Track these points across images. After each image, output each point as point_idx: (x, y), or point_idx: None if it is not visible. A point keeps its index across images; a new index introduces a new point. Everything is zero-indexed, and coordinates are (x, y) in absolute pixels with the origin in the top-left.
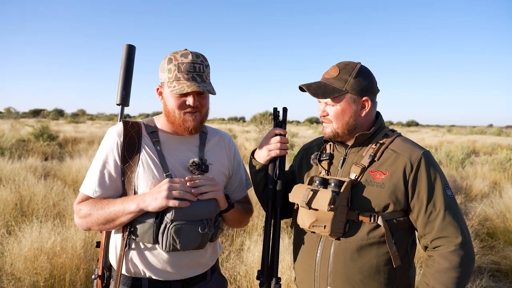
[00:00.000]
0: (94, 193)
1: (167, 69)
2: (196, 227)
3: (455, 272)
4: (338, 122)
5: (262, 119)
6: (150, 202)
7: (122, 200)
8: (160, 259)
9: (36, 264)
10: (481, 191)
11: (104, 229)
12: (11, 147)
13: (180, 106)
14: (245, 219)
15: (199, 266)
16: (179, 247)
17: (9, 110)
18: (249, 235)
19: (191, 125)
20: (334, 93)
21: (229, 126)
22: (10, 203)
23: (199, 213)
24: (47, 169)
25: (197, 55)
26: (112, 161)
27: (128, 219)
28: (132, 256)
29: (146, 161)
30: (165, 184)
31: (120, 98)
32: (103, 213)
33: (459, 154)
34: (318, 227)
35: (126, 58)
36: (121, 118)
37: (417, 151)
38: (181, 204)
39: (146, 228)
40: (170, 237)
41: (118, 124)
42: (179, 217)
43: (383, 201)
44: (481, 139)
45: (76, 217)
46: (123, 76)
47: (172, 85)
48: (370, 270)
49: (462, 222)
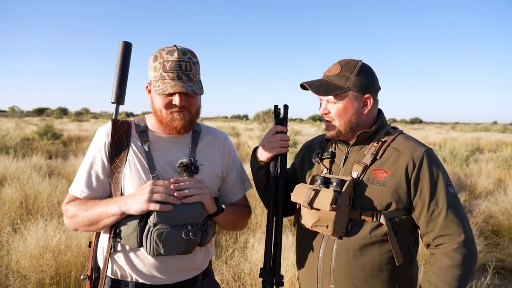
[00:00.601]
0: (82, 194)
1: (153, 67)
2: (180, 232)
3: (458, 270)
4: (341, 120)
5: (265, 117)
6: (131, 205)
7: (106, 202)
8: (146, 263)
9: (42, 261)
10: (486, 189)
11: (89, 230)
12: (15, 146)
13: (167, 106)
14: (241, 222)
15: (189, 270)
16: (163, 251)
17: (13, 109)
18: (253, 232)
19: (179, 124)
20: (336, 91)
21: (232, 124)
22: (16, 202)
23: (183, 217)
24: (51, 168)
25: (184, 52)
26: (99, 161)
27: (111, 222)
28: (118, 258)
29: (133, 162)
30: (147, 186)
31: (115, 96)
32: (87, 215)
33: (463, 151)
34: (321, 226)
35: (122, 56)
36: (116, 116)
37: (419, 149)
38: (163, 208)
39: (130, 231)
40: (153, 241)
41: (107, 123)
42: (162, 221)
43: (385, 199)
44: (485, 136)
45: (64, 217)
46: (119, 74)
47: (157, 85)
48: (372, 269)
49: (465, 220)
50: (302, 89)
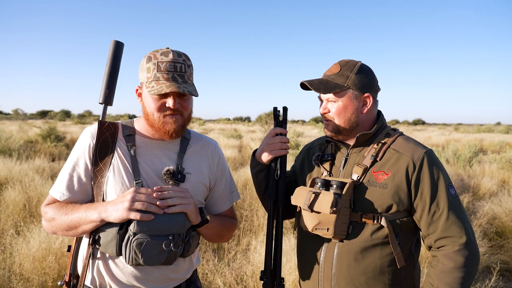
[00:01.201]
0: (62, 197)
1: (146, 68)
2: (160, 242)
3: (460, 272)
4: (340, 119)
5: (268, 119)
6: (111, 213)
7: (86, 207)
8: (126, 272)
9: (44, 264)
10: (489, 190)
11: (68, 235)
12: (19, 148)
13: (160, 108)
14: (226, 234)
15: (170, 280)
16: (142, 262)
17: (17, 111)
18: (256, 235)
19: (171, 128)
20: (336, 89)
21: (234, 126)
22: (19, 204)
23: (165, 227)
24: (54, 170)
25: (179, 54)
26: (82, 163)
27: (90, 228)
28: (97, 266)
29: (118, 166)
30: (129, 194)
31: (103, 97)
32: (66, 219)
33: (467, 152)
34: (321, 229)
35: (112, 55)
36: (103, 118)
37: (419, 150)
38: (144, 217)
39: (109, 238)
40: (132, 251)
41: (93, 125)
42: (142, 230)
43: (386, 201)
44: (488, 137)
45: (43, 219)
46: (108, 74)
47: (151, 86)
48: (374, 271)
49: (467, 222)
50: (302, 89)
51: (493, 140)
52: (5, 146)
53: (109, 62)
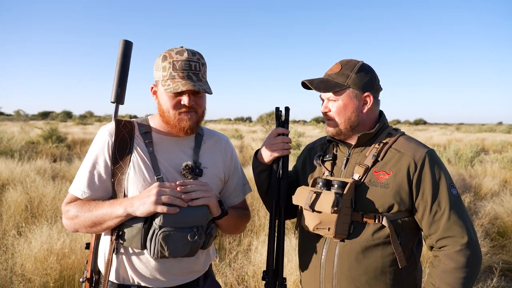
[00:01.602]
0: (83, 194)
1: (162, 67)
2: (186, 234)
3: (462, 272)
4: (341, 118)
5: (269, 119)
6: (138, 207)
7: (110, 203)
8: (149, 266)
9: (46, 265)
10: (491, 190)
11: (91, 232)
12: (20, 149)
13: (175, 106)
14: (241, 225)
15: (191, 273)
16: (167, 254)
17: (18, 112)
18: (257, 235)
19: (186, 125)
20: (336, 88)
21: (235, 126)
22: (21, 205)
23: (189, 220)
24: (56, 171)
25: (193, 53)
26: (102, 161)
27: (115, 223)
28: (120, 261)
29: (137, 163)
30: (154, 188)
31: (115, 96)
32: (90, 216)
33: (468, 152)
34: (322, 229)
35: (122, 55)
36: (116, 116)
37: (421, 150)
38: (170, 210)
39: (134, 233)
40: (158, 243)
41: (110, 123)
42: (168, 223)
43: (387, 201)
44: (490, 137)
45: (64, 217)
46: (119, 73)
47: (167, 84)
48: (375, 271)
49: (468, 222)
50: (303, 88)
51: (495, 139)
52: (7, 147)
53: (119, 61)
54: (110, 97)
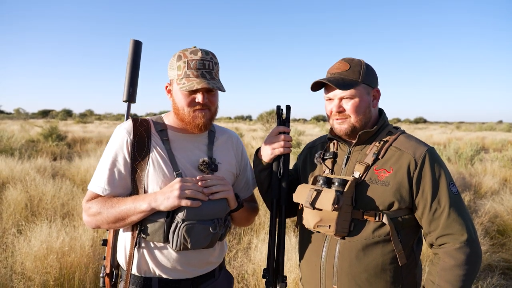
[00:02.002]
0: (104, 191)
1: (177, 66)
2: (207, 226)
3: (461, 270)
4: (358, 115)
5: (269, 118)
6: (162, 202)
7: (133, 198)
8: (170, 258)
9: (46, 263)
10: (491, 188)
11: (113, 228)
12: (20, 148)
13: (190, 104)
14: (252, 217)
15: (208, 264)
16: (190, 246)
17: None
18: (257, 233)
19: (201, 122)
20: (354, 85)
21: (235, 125)
22: (21, 203)
23: (210, 212)
24: (56, 169)
25: (207, 52)
26: (121, 159)
27: (138, 218)
28: (141, 255)
29: (156, 160)
30: (177, 183)
31: (127, 95)
32: (114, 212)
33: (468, 151)
34: (323, 227)
35: (132, 54)
36: (128, 115)
37: (421, 148)
38: (193, 204)
39: (156, 227)
40: (181, 236)
41: (127, 121)
42: (191, 216)
43: (387, 199)
44: (490, 136)
45: (85, 215)
46: (130, 72)
47: (182, 82)
48: (375, 269)
49: (468, 219)
50: (312, 90)
51: (495, 138)
52: (7, 145)
53: (130, 61)
54: (122, 96)
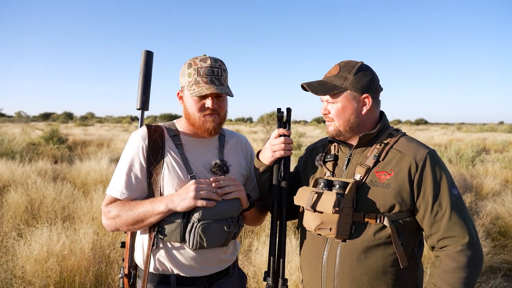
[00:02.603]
0: (122, 195)
1: (187, 73)
2: (222, 225)
3: (463, 273)
4: (340, 120)
5: (269, 120)
6: (178, 203)
7: (150, 201)
8: (187, 257)
9: (46, 266)
10: (492, 189)
11: (132, 230)
12: (22, 151)
13: (200, 109)
14: (262, 217)
15: (223, 262)
16: (206, 245)
17: (19, 114)
18: (257, 236)
19: (210, 126)
20: (333, 90)
21: (236, 127)
22: (21, 206)
23: (225, 212)
24: (57, 172)
25: (216, 60)
26: (138, 164)
27: (156, 219)
28: (159, 254)
29: (171, 163)
30: (192, 185)
31: (140, 103)
32: (132, 214)
33: (469, 152)
34: (324, 229)
35: (144, 64)
36: (142, 122)
37: (422, 150)
38: (208, 204)
39: (173, 227)
40: (197, 235)
41: (141, 128)
42: (206, 216)
43: (388, 201)
44: (491, 137)
45: (104, 218)
46: (142, 82)
47: (192, 88)
48: (377, 271)
49: (469, 222)
50: (303, 90)
51: (496, 139)
52: (8, 148)
53: (142, 70)
54: (136, 104)
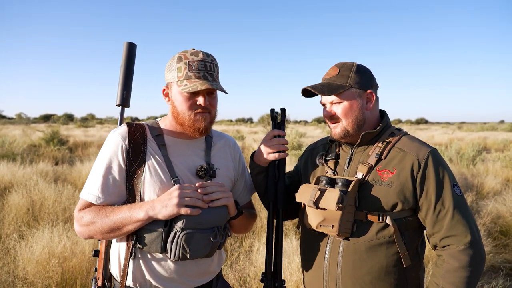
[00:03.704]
0: (97, 200)
1: (177, 68)
2: (207, 235)
3: (465, 272)
4: (348, 119)
5: (270, 120)
6: (160, 210)
7: (129, 207)
8: (167, 269)
9: (48, 268)
10: (493, 189)
11: (108, 238)
12: (22, 152)
13: (191, 107)
14: (250, 224)
15: (206, 274)
16: (189, 256)
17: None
18: (258, 236)
19: (202, 125)
20: (339, 89)
21: (236, 127)
22: (22, 208)
23: (210, 220)
24: (57, 174)
25: (207, 54)
26: (116, 165)
27: (135, 228)
28: (137, 265)
29: (153, 166)
30: (175, 190)
31: (120, 99)
32: (108, 221)
33: (470, 151)
34: (326, 226)
35: (126, 57)
36: (122, 120)
37: (424, 149)
38: (193, 212)
39: (154, 236)
40: (180, 245)
41: (121, 126)
42: (190, 225)
43: (391, 200)
44: (492, 136)
45: (77, 225)
46: (123, 76)
47: (183, 84)
48: (379, 271)
49: (472, 221)
50: (304, 96)
51: (497, 138)
52: (9, 150)
53: (124, 64)
54: (116, 100)
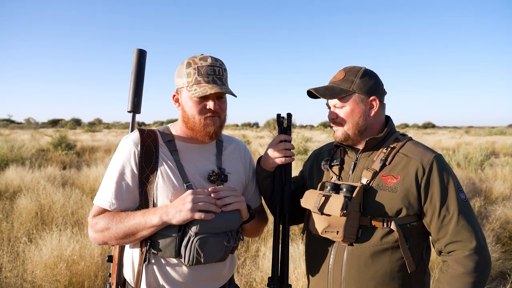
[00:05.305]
0: (111, 206)
1: (186, 73)
2: (221, 239)
3: (470, 278)
4: (349, 123)
5: (276, 125)
6: (174, 215)
7: (143, 213)
8: (181, 273)
9: (56, 271)
10: (502, 194)
11: (122, 244)
12: (31, 157)
13: (201, 111)
14: (262, 228)
15: (219, 278)
16: (203, 260)
17: (29, 120)
18: (265, 241)
19: (211, 129)
20: (342, 94)
21: (242, 132)
22: (31, 212)
23: (224, 225)
24: (65, 178)
25: (216, 59)
26: (129, 171)
27: (149, 233)
28: (151, 271)
29: (165, 172)
30: (189, 195)
31: (132, 105)
32: (123, 227)
33: (478, 155)
34: (331, 232)
35: (136, 64)
36: (133, 126)
37: (428, 154)
38: (207, 217)
39: (168, 242)
40: (194, 250)
41: (133, 132)
42: (204, 229)
43: (395, 205)
44: (501, 140)
45: (91, 231)
46: (134, 82)
47: (193, 89)
48: (384, 276)
49: (477, 226)
50: (309, 97)
51: (505, 142)
52: (18, 155)
53: (134, 70)
54: (127, 106)
